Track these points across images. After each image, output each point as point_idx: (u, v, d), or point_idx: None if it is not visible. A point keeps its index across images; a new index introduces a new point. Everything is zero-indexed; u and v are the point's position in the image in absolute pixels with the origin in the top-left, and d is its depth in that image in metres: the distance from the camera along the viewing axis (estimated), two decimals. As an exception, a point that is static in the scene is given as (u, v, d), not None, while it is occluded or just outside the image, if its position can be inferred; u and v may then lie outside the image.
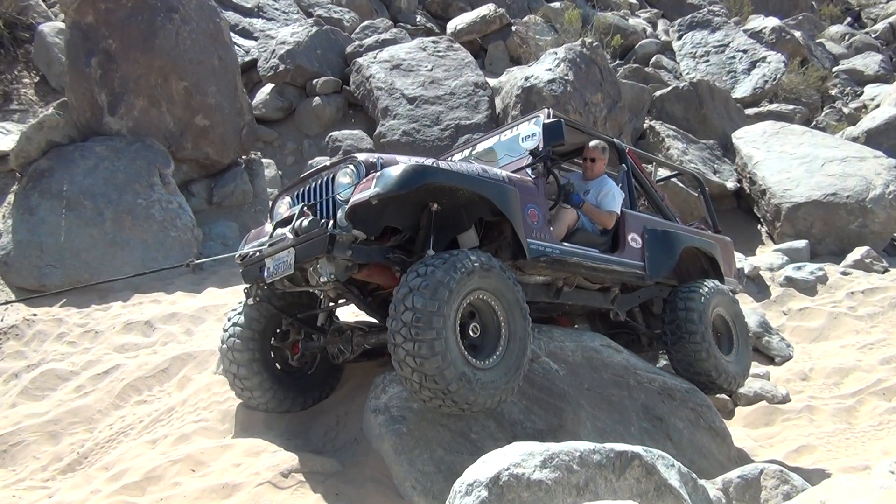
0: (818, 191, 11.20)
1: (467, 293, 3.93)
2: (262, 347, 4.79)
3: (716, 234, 6.79)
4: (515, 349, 4.14)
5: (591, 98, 11.37)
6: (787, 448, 5.97)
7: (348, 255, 3.99)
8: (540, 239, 4.64)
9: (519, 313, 4.19)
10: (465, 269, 3.86)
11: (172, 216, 8.82)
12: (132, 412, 5.54)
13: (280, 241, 4.26)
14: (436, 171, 4.13)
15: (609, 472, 2.91)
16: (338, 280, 4.08)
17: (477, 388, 3.86)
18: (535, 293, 5.07)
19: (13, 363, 6.62)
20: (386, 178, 3.91)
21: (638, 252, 5.55)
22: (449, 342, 3.73)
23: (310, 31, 12.30)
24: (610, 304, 5.63)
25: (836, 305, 8.81)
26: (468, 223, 4.52)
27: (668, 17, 19.14)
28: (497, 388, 3.98)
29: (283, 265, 4.18)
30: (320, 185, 4.45)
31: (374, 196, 3.86)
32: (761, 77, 15.53)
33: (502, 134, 5.75)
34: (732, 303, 6.08)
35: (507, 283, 4.14)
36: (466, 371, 3.82)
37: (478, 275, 3.95)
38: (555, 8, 16.26)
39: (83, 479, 4.69)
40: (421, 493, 3.95)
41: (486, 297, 4.07)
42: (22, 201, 8.53)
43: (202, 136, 9.86)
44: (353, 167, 4.23)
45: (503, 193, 4.41)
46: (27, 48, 10.91)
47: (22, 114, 10.16)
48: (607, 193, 5.49)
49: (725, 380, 5.65)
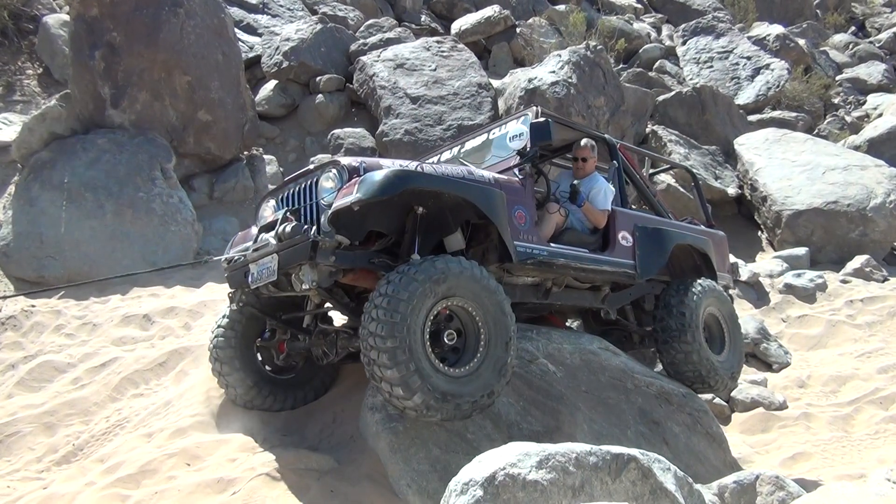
0: (819, 198, 11.20)
1: (439, 300, 3.89)
2: (246, 346, 4.86)
3: (709, 230, 6.70)
4: (496, 354, 4.08)
5: (594, 101, 11.36)
6: (784, 455, 5.97)
7: (332, 261, 3.96)
8: (527, 241, 4.61)
9: (500, 318, 4.12)
10: (434, 276, 3.82)
11: (173, 210, 8.81)
12: (128, 405, 5.54)
13: (264, 247, 4.24)
14: (418, 176, 4.10)
15: (605, 474, 2.90)
16: (320, 287, 4.05)
17: (449, 396, 3.82)
18: (523, 294, 5.05)
19: (10, 354, 6.61)
20: (368, 184, 3.87)
21: (628, 250, 5.48)
22: (413, 351, 3.71)
23: (314, 28, 12.30)
24: (600, 303, 5.59)
25: (835, 313, 8.81)
26: (454, 226, 4.48)
27: (673, 22, 19.13)
28: (473, 395, 3.94)
29: (266, 271, 4.17)
30: (304, 188, 4.41)
31: (356, 202, 3.84)
32: (764, 84, 15.53)
33: (491, 132, 5.67)
34: (726, 302, 6.01)
35: (486, 288, 4.07)
36: (435, 379, 3.78)
37: (450, 281, 3.89)
38: (560, 11, 16.26)
39: (78, 471, 4.69)
40: (416, 491, 3.95)
41: (462, 304, 4.01)
42: (23, 192, 8.52)
43: (204, 132, 9.85)
44: (336, 171, 4.19)
45: (488, 197, 4.37)
46: (31, 39, 10.91)
47: (25, 105, 10.15)
48: (599, 191, 5.41)
49: (715, 380, 5.59)
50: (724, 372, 5.68)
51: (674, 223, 6.24)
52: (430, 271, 3.82)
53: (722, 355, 5.80)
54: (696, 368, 5.49)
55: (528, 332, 5.15)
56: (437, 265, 3.87)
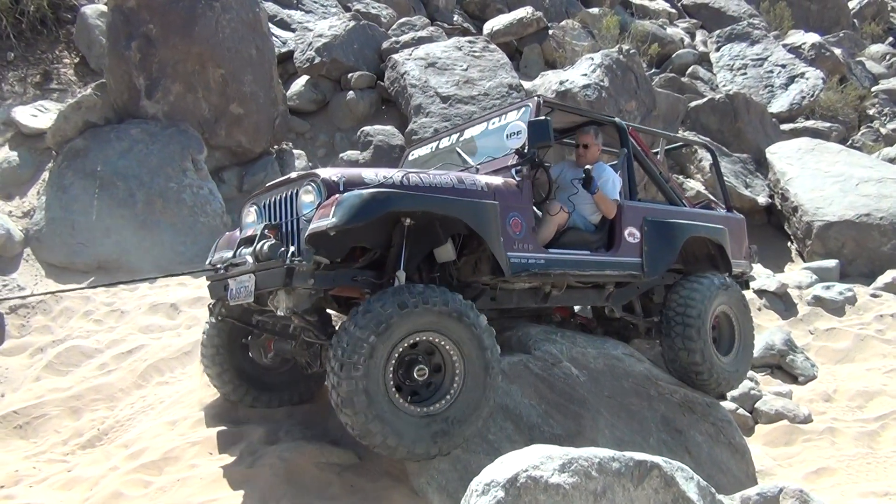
0: (851, 210, 11.03)
1: (406, 336, 3.69)
2: (230, 343, 4.84)
3: (726, 214, 6.44)
4: (471, 394, 3.87)
5: (625, 105, 11.29)
6: (807, 469, 5.90)
7: (310, 284, 3.79)
8: (523, 250, 4.42)
9: (476, 354, 3.88)
10: (401, 312, 3.61)
11: (203, 202, 8.89)
12: (153, 392, 5.60)
13: (241, 265, 4.12)
14: (400, 198, 3.88)
15: (627, 480, 2.88)
16: (296, 312, 3.92)
17: (405, 436, 3.66)
18: (521, 299, 4.90)
19: (39, 338, 6.72)
20: (344, 208, 3.65)
21: (635, 248, 5.23)
22: (371, 394, 3.55)
23: (347, 25, 12.35)
24: (604, 301, 5.37)
25: (864, 328, 8.67)
26: (444, 237, 4.26)
27: (707, 28, 18.95)
28: (437, 437, 3.77)
29: (244, 290, 4.03)
30: (284, 199, 4.24)
31: (332, 227, 3.64)
32: (799, 93, 15.35)
33: (490, 121, 5.35)
34: (740, 301, 5.76)
35: (459, 321, 3.82)
36: (396, 422, 3.63)
37: (418, 317, 3.68)
38: (593, 14, 16.17)
39: (102, 455, 4.75)
40: (436, 489, 3.95)
41: (435, 339, 3.81)
42: (56, 179, 8.65)
43: (236, 124, 9.93)
44: (314, 185, 3.97)
45: (477, 212, 4.16)
46: (69, 29, 11.05)
47: (61, 93, 10.30)
48: (606, 182, 5.11)
49: (716, 381, 5.40)
50: (727, 374, 5.49)
51: (688, 212, 5.96)
52: (396, 306, 3.63)
53: (728, 357, 5.60)
54: (696, 368, 5.30)
55: (552, 334, 5.14)
56: (406, 299, 3.66)
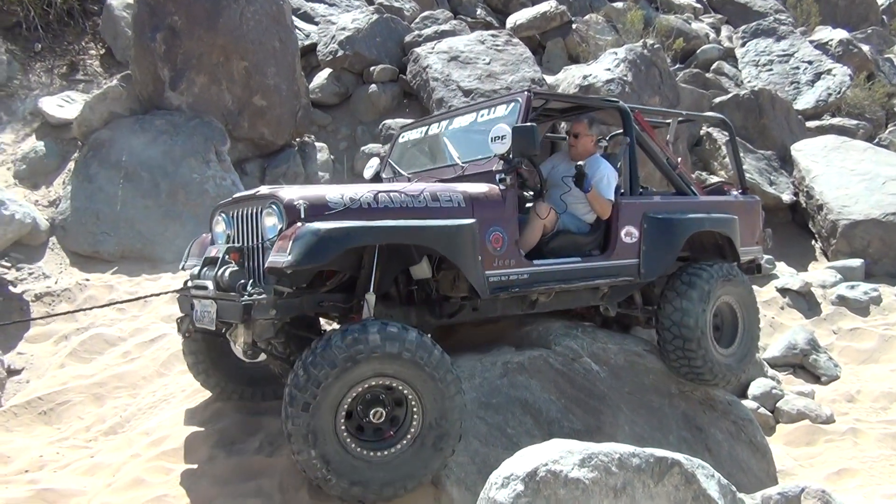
0: (878, 209, 10.87)
1: (363, 379, 3.51)
2: (208, 348, 4.77)
3: (739, 198, 6.14)
4: (428, 443, 3.69)
5: (648, 100, 11.19)
6: (829, 469, 5.84)
7: (272, 315, 3.63)
8: (503, 266, 4.22)
9: (438, 399, 3.66)
10: (358, 354, 3.44)
11: (226, 193, 8.92)
12: (175, 381, 5.65)
13: (204, 289, 3.99)
14: (361, 234, 3.63)
15: (647, 477, 2.87)
16: (254, 345, 3.78)
17: (346, 477, 3.51)
18: (505, 307, 4.63)
19: (64, 325, 6.81)
20: (300, 247, 3.43)
21: (632, 249, 4.95)
22: (319, 435, 3.43)
23: (370, 18, 12.35)
24: (599, 300, 5.08)
25: (889, 328, 8.56)
26: (418, 257, 4.04)
27: (733, 23, 18.73)
28: (392, 484, 3.63)
29: (206, 317, 3.93)
30: (249, 216, 4.06)
31: (289, 266, 3.44)
32: (825, 90, 15.12)
33: (479, 112, 5.04)
34: (744, 291, 5.45)
35: (423, 370, 3.60)
36: (344, 465, 3.50)
37: (376, 361, 3.49)
38: (617, 8, 16.05)
39: (124, 442, 4.81)
40: (454, 482, 3.96)
41: (393, 383, 3.60)
42: (82, 169, 8.74)
43: (259, 117, 9.98)
44: (276, 208, 3.76)
45: (450, 238, 3.93)
46: (95, 20, 11.16)
47: (87, 84, 10.40)
48: (600, 179, 4.84)
49: (713, 374, 5.10)
50: (726, 368, 5.20)
51: (695, 202, 5.62)
52: (353, 347, 3.44)
53: (730, 349, 5.34)
54: (693, 361, 5.02)
55: (572, 329, 5.13)
56: (365, 338, 3.47)
